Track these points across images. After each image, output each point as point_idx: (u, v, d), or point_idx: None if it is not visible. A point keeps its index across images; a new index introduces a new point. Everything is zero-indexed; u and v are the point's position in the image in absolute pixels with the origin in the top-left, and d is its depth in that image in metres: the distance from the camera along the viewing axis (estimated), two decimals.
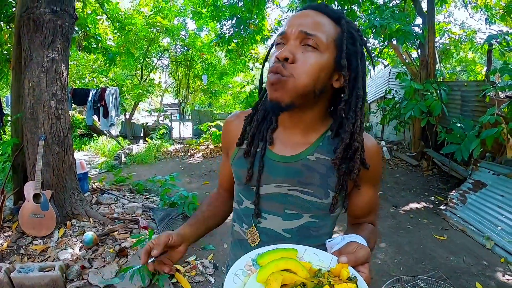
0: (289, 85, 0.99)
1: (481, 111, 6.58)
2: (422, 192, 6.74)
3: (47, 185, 4.25)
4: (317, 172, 1.10)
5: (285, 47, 1.00)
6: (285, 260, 0.87)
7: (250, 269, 0.88)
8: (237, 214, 1.27)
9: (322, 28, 1.02)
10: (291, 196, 1.12)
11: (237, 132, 1.22)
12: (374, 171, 1.16)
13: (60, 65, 4.40)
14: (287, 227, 1.14)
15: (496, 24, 10.07)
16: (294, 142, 1.13)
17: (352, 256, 0.88)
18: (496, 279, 3.75)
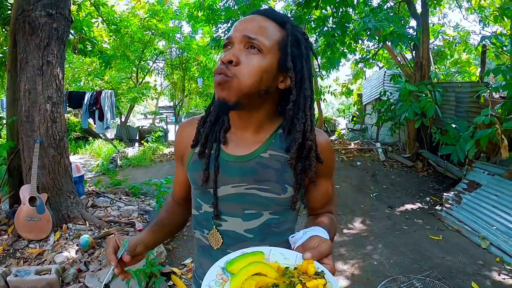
0: (233, 85, 1.02)
1: (475, 112, 6.61)
2: (417, 193, 6.77)
3: (43, 188, 4.24)
4: (272, 168, 1.12)
5: (229, 51, 1.04)
6: (254, 264, 0.89)
7: (222, 278, 0.89)
8: (197, 221, 1.26)
9: (266, 31, 1.05)
10: (249, 195, 1.13)
11: (190, 138, 1.23)
12: (328, 165, 1.20)
13: (56, 68, 4.40)
14: (248, 227, 1.16)
15: (490, 25, 10.13)
16: (246, 142, 1.16)
17: (316, 251, 0.92)
18: (491, 278, 3.77)
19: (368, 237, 4.85)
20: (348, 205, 6.16)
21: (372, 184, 7.33)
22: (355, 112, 17.68)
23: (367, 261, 4.13)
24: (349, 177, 7.74)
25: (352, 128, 16.07)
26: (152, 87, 17.45)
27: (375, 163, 8.84)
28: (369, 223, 5.40)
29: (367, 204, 6.24)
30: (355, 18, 9.53)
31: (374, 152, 9.99)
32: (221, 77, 1.02)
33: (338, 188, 7.01)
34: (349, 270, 3.92)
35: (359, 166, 8.55)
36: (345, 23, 8.59)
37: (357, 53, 11.80)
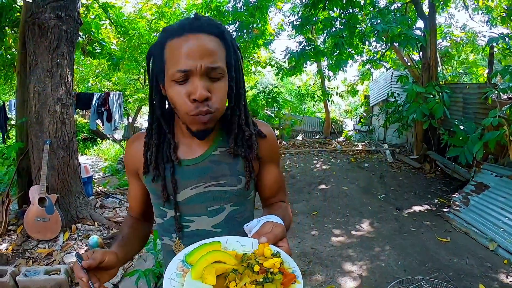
0: (217, 116, 1.09)
1: (483, 114, 6.57)
2: (425, 195, 6.74)
3: (52, 189, 4.29)
4: (224, 163, 1.20)
5: (197, 87, 1.02)
6: (212, 253, 0.92)
7: (182, 269, 0.92)
8: (163, 228, 1.29)
9: (219, 54, 1.07)
10: (209, 192, 1.19)
11: (140, 154, 1.24)
12: (273, 151, 1.31)
13: (65, 70, 4.45)
14: (215, 223, 1.21)
15: (497, 26, 10.09)
16: (197, 145, 1.20)
17: (271, 234, 0.97)
18: (499, 281, 3.75)
19: (376, 239, 4.84)
20: (356, 207, 6.15)
21: (379, 185, 7.31)
22: (362, 113, 17.63)
23: (375, 263, 4.13)
24: (357, 178, 7.73)
25: (359, 130, 16.02)
26: None
27: (382, 164, 8.81)
28: (377, 224, 5.39)
29: (375, 205, 6.22)
30: (362, 19, 9.53)
31: (382, 153, 9.96)
32: (209, 116, 1.05)
33: (345, 190, 7.00)
34: (357, 272, 3.92)
35: (367, 168, 8.53)
36: (353, 24, 8.58)
37: (364, 54, 11.77)
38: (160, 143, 1.21)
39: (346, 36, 8.44)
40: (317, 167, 8.73)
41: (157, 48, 1.11)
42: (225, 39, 1.10)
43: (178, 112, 1.10)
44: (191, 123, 1.09)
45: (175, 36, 1.06)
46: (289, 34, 15.38)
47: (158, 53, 1.11)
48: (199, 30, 1.05)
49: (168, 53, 1.07)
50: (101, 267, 1.03)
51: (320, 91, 15.58)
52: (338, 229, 5.14)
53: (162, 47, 1.09)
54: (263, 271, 0.85)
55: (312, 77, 21.75)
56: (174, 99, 1.07)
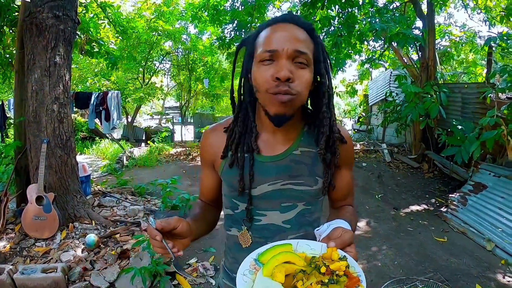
0: (296, 102, 1.08)
1: (481, 113, 6.59)
2: (423, 195, 6.76)
3: (49, 187, 4.29)
4: (304, 163, 1.21)
5: (282, 67, 1.03)
6: (283, 254, 0.97)
7: (254, 267, 0.98)
8: (232, 219, 1.32)
9: (307, 44, 1.09)
10: (285, 190, 1.21)
11: (219, 144, 1.28)
12: (350, 156, 1.33)
13: (63, 69, 4.45)
14: (286, 218, 1.23)
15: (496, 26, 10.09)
16: (278, 142, 1.22)
17: (339, 240, 0.99)
18: (496, 281, 3.76)
19: (373, 239, 4.85)
20: (354, 206, 6.15)
21: (377, 185, 7.32)
22: (361, 113, 17.64)
23: (371, 262, 4.13)
24: (355, 178, 7.67)
25: (358, 129, 16.05)
26: (158, 88, 17.48)
27: (380, 164, 8.83)
28: (374, 224, 5.40)
29: (373, 205, 6.23)
30: (361, 18, 9.53)
31: (380, 153, 9.98)
32: (288, 97, 1.05)
33: None
34: None
35: (365, 167, 8.54)
36: (351, 23, 8.59)
37: (363, 53, 11.78)
38: (243, 132, 1.23)
39: (344, 35, 8.45)
40: None
41: (250, 38, 1.17)
42: (315, 36, 1.14)
43: (259, 94, 1.11)
44: (270, 103, 1.09)
45: (268, 26, 1.13)
46: None
47: (250, 42, 1.16)
48: (291, 21, 1.11)
49: (259, 39, 1.12)
50: (174, 233, 1.06)
51: None
52: None
53: (255, 37, 1.14)
54: (329, 273, 0.90)
55: None
56: (258, 79, 1.09)
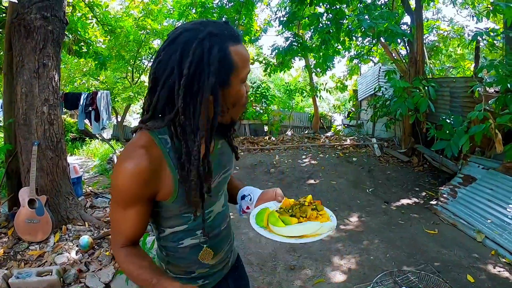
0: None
1: (469, 107, 6.66)
2: (413, 188, 6.82)
3: (41, 190, 4.27)
4: (225, 153, 1.42)
5: (248, 87, 1.27)
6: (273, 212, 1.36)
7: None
8: (184, 232, 1.29)
9: None
10: (221, 180, 1.39)
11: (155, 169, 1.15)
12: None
13: (52, 71, 4.42)
14: (222, 203, 1.43)
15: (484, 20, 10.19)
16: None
17: (279, 193, 1.54)
18: (487, 271, 3.82)
19: (365, 232, 4.90)
20: (345, 201, 6.20)
21: (368, 179, 7.37)
22: (350, 108, 17.72)
23: (363, 256, 4.18)
24: (345, 173, 7.79)
25: (348, 124, 16.11)
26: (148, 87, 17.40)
27: (371, 158, 8.88)
28: (366, 218, 5.45)
29: (364, 199, 6.28)
30: (349, 14, 9.58)
31: (370, 147, 10.04)
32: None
33: (334, 184, 7.06)
34: (345, 265, 3.96)
35: (355, 162, 8.59)
36: (340, 19, 8.62)
37: (352, 49, 11.83)
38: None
39: (333, 32, 8.48)
40: (306, 162, 8.77)
41: (216, 52, 1.09)
42: None
43: (233, 109, 1.22)
44: (240, 112, 1.27)
45: (235, 42, 1.13)
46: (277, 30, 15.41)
47: (222, 56, 1.09)
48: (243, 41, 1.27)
49: (236, 57, 1.12)
50: None
51: (309, 87, 15.64)
52: None
53: (225, 50, 1.10)
54: (310, 204, 1.47)
55: (301, 73, 21.81)
56: (239, 95, 1.18)
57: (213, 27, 1.11)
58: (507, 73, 5.50)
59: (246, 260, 3.90)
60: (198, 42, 1.07)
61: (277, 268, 3.93)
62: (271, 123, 14.62)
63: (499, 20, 8.67)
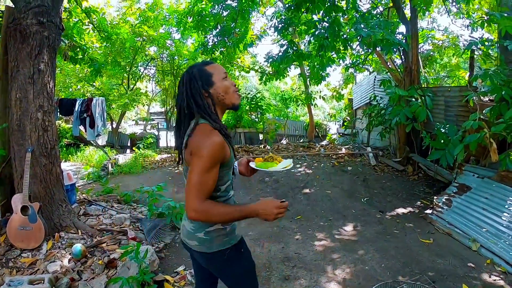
0: None
1: (464, 116, 6.70)
2: (408, 197, 6.82)
3: (34, 197, 4.23)
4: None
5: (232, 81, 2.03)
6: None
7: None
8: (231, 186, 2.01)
9: None
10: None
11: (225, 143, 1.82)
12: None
13: (47, 77, 4.40)
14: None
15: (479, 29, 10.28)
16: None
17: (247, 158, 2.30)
18: (482, 280, 3.81)
19: (359, 242, 4.88)
20: (339, 210, 6.19)
21: (363, 189, 7.37)
22: (346, 116, 17.77)
23: (358, 266, 4.15)
24: (340, 182, 7.78)
25: (343, 133, 16.16)
26: (143, 94, 17.39)
27: (366, 167, 8.89)
28: (360, 228, 5.44)
29: (358, 209, 6.27)
30: (345, 22, 9.64)
31: (365, 156, 10.05)
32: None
33: (329, 193, 7.05)
34: (340, 275, 3.94)
35: (350, 171, 8.59)
36: (336, 28, 8.67)
37: (347, 58, 11.89)
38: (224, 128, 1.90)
39: (331, 37, 8.53)
40: (301, 171, 8.77)
41: (198, 71, 1.91)
42: None
43: (228, 95, 1.94)
44: (236, 99, 1.99)
45: (208, 64, 1.99)
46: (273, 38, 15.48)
47: (200, 71, 1.91)
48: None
49: (210, 69, 1.94)
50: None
51: (304, 95, 15.68)
52: (322, 233, 5.16)
53: (200, 68, 1.93)
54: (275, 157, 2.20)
55: (297, 81, 21.89)
56: (227, 87, 1.93)
57: (193, 65, 1.98)
58: (501, 82, 5.53)
59: None
60: (187, 72, 1.94)
61: (271, 278, 3.90)
62: (266, 131, 14.63)
63: (493, 30, 8.73)
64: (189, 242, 1.94)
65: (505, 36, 5.98)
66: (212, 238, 1.88)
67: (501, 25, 5.69)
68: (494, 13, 5.84)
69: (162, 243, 4.67)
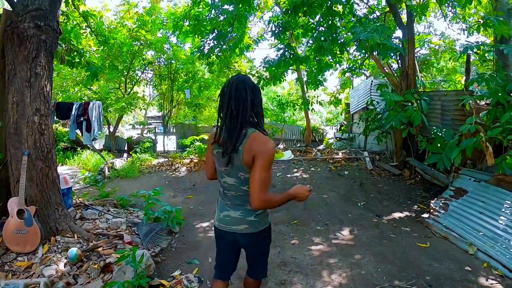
0: None
1: (460, 120, 6.73)
2: (405, 201, 6.83)
3: (30, 200, 4.22)
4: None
5: None
6: None
7: None
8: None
9: None
10: None
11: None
12: None
13: (44, 80, 4.40)
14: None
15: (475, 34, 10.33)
16: None
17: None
18: (479, 284, 3.82)
19: (356, 246, 4.87)
20: (336, 215, 6.18)
21: (359, 193, 7.37)
22: (342, 121, 17.79)
23: (355, 270, 4.15)
24: (337, 186, 7.78)
25: (340, 137, 16.17)
26: (141, 98, 17.37)
27: (362, 172, 8.90)
28: (357, 232, 5.43)
29: (355, 213, 6.27)
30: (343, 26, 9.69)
31: (362, 161, 10.06)
32: None
33: (325, 198, 7.04)
34: (336, 280, 3.93)
35: (347, 176, 8.60)
36: (333, 32, 8.71)
37: (344, 62, 11.92)
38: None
39: (328, 41, 8.56)
40: (297, 176, 8.77)
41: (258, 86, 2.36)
42: None
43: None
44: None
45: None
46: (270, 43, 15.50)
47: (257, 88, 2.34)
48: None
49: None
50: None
51: (301, 100, 15.70)
52: (318, 237, 5.16)
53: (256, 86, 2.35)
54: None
55: (294, 86, 21.93)
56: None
57: (249, 77, 2.36)
58: (497, 86, 5.56)
59: (237, 275, 3.87)
60: (249, 80, 2.30)
61: (268, 283, 3.89)
62: None
63: (490, 34, 8.78)
64: (237, 227, 2.41)
65: (501, 40, 6.03)
66: (260, 220, 2.42)
67: (497, 30, 5.74)
68: (490, 17, 5.88)
69: (158, 248, 4.65)
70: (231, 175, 2.32)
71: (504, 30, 5.71)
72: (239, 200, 2.38)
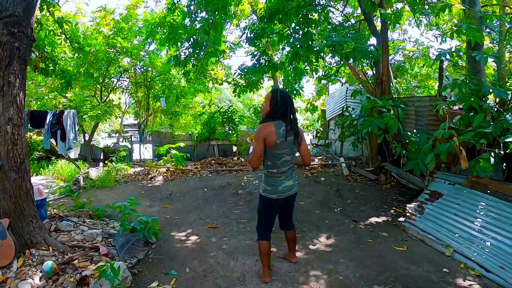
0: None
1: (434, 125, 6.86)
2: (381, 206, 6.90)
3: (4, 213, 4.12)
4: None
5: None
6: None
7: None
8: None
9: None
10: None
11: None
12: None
13: (17, 89, 4.30)
14: None
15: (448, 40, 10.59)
16: None
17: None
18: (457, 285, 3.87)
19: (334, 252, 4.88)
20: (313, 221, 6.20)
21: (336, 199, 7.42)
22: (319, 127, 17.91)
23: (333, 276, 4.15)
24: (313, 193, 7.81)
25: (316, 144, 16.26)
26: (116, 105, 17.17)
27: (339, 178, 8.96)
28: (334, 238, 5.45)
29: (332, 219, 6.30)
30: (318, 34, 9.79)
31: (338, 167, 10.14)
32: None
33: (302, 205, 7.06)
34: (315, 286, 3.93)
35: (323, 182, 8.64)
36: (309, 39, 8.80)
37: (320, 70, 12.03)
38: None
39: (304, 48, 8.64)
40: None
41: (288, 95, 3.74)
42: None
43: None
44: None
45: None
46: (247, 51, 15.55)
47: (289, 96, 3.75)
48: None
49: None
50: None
51: None
52: (296, 244, 5.16)
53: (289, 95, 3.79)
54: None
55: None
56: None
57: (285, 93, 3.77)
58: (469, 91, 5.70)
59: (214, 284, 3.84)
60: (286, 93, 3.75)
61: None
62: (239, 143, 14.60)
63: (464, 40, 9.01)
64: (294, 190, 3.88)
65: (474, 47, 6.18)
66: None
67: (470, 36, 5.89)
68: (462, 24, 6.03)
69: (135, 259, 4.58)
70: (289, 154, 3.67)
71: (477, 37, 5.85)
72: (291, 171, 3.82)
